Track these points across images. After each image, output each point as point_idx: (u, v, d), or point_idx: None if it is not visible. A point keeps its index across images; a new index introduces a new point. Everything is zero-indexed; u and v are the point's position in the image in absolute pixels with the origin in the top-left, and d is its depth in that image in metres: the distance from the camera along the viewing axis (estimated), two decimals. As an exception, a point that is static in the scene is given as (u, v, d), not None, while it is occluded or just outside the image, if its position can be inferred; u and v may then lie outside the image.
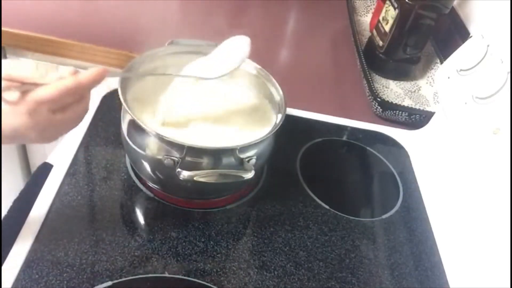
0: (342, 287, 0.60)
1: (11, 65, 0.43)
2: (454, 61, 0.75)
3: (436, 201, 0.74)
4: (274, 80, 0.66)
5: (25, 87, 0.42)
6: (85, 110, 0.47)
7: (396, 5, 0.90)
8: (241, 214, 0.66)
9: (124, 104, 0.56)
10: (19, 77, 0.42)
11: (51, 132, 0.46)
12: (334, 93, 0.94)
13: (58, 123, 0.45)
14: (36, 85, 0.43)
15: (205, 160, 0.56)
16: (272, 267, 0.60)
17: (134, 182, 0.66)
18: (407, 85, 0.97)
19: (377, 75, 0.98)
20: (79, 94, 0.45)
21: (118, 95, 0.56)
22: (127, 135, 0.60)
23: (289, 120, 0.62)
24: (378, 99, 0.86)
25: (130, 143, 0.59)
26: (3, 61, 0.43)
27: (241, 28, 1.06)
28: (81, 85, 0.44)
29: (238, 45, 0.62)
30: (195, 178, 0.54)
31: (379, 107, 0.86)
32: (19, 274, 0.52)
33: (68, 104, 0.45)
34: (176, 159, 0.55)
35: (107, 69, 0.46)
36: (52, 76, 0.43)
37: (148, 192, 0.65)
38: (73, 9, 0.94)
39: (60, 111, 0.45)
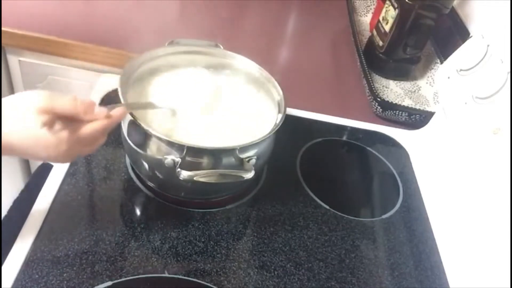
0: (342, 287, 0.60)
1: (50, 97, 0.45)
2: (454, 61, 0.75)
3: (436, 201, 0.74)
4: (274, 80, 0.66)
5: (70, 124, 0.46)
6: (104, 142, 0.52)
7: (396, 5, 0.90)
8: (241, 214, 0.66)
9: (124, 104, 0.56)
10: (61, 111, 0.45)
11: (70, 158, 0.49)
12: (334, 93, 0.94)
13: (83, 152, 0.50)
14: (81, 122, 0.47)
15: (205, 160, 0.56)
16: (272, 267, 0.60)
17: (134, 182, 0.66)
18: (407, 85, 0.97)
19: (377, 75, 0.98)
20: (106, 132, 0.51)
21: (118, 95, 0.56)
22: (127, 135, 0.60)
23: (289, 120, 0.62)
24: (378, 99, 0.86)
25: (130, 143, 0.59)
26: (39, 92, 0.45)
27: (241, 28, 1.06)
28: (112, 126, 0.50)
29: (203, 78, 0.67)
30: (195, 178, 0.54)
31: (379, 107, 0.86)
32: (19, 274, 0.52)
33: (96, 140, 0.50)
34: (176, 159, 0.55)
35: (125, 108, 0.52)
36: (91, 114, 0.47)
37: (148, 192, 0.65)
38: (73, 9, 0.94)
39: (89, 145, 0.50)
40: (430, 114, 0.84)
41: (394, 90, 0.95)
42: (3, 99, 0.45)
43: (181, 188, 0.62)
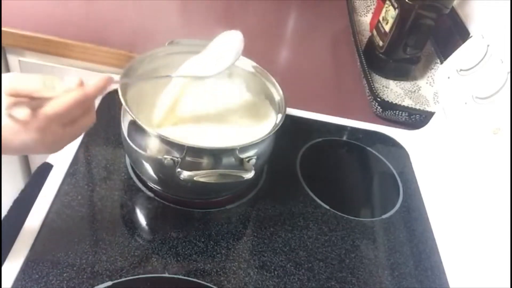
0: (342, 287, 0.60)
1: (16, 79, 0.42)
2: (454, 61, 0.75)
3: (436, 201, 0.74)
4: (274, 80, 0.66)
5: (35, 103, 0.42)
6: (92, 121, 0.47)
7: (396, 5, 0.90)
8: (241, 214, 0.66)
9: (124, 104, 0.56)
10: (27, 92, 0.41)
11: (59, 144, 0.46)
12: (334, 93, 0.94)
13: (67, 136, 0.45)
14: (45, 99, 0.42)
15: (205, 160, 0.56)
16: (272, 267, 0.60)
17: (134, 182, 0.66)
18: (407, 85, 0.97)
19: (377, 75, 0.98)
20: (87, 105, 0.46)
21: (118, 95, 0.56)
22: (127, 135, 0.60)
23: (289, 120, 0.62)
24: (378, 99, 0.86)
25: (130, 143, 0.59)
26: (7, 74, 0.42)
27: (241, 28, 1.06)
28: (88, 95, 0.44)
29: (231, 41, 0.61)
30: (195, 178, 0.54)
31: (379, 107, 0.86)
32: (19, 274, 0.52)
33: (76, 117, 0.45)
34: (176, 159, 0.55)
35: (112, 77, 0.46)
36: (59, 89, 0.43)
37: (148, 192, 0.65)
38: (73, 9, 0.94)
39: (69, 124, 0.45)
40: (430, 114, 0.84)
41: (394, 90, 0.95)
42: None
43: (181, 188, 0.62)
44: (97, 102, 0.77)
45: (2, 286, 0.51)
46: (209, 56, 0.61)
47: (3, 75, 0.42)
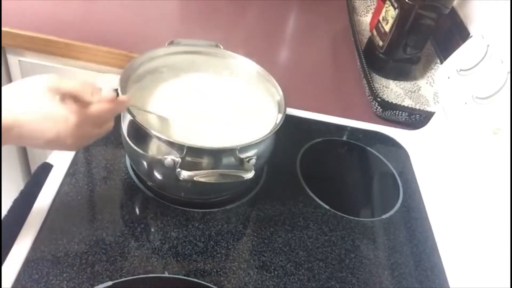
0: (342, 287, 0.60)
1: (58, 78, 0.47)
2: (454, 61, 0.75)
3: (436, 201, 0.74)
4: (274, 80, 0.66)
5: (80, 103, 0.47)
6: (111, 128, 0.53)
7: (396, 5, 0.90)
8: (241, 214, 0.66)
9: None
10: (68, 91, 0.46)
11: (81, 142, 0.50)
12: (334, 93, 0.94)
13: (92, 135, 0.51)
14: (85, 102, 0.47)
15: (205, 160, 0.56)
16: (272, 267, 0.60)
17: (134, 182, 0.66)
18: (407, 85, 0.97)
19: (377, 75, 0.98)
20: (113, 116, 0.52)
21: (118, 95, 0.56)
22: (127, 135, 0.60)
23: (289, 120, 0.62)
24: (378, 99, 0.86)
25: (130, 143, 0.59)
26: (51, 74, 0.46)
27: (241, 28, 1.06)
28: (118, 108, 0.52)
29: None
30: (195, 178, 0.54)
31: (379, 107, 0.86)
32: (19, 274, 0.52)
33: (105, 121, 0.51)
34: (176, 159, 0.55)
35: (131, 97, 0.54)
36: (98, 97, 0.48)
37: (148, 192, 0.65)
38: (73, 9, 0.94)
39: (98, 126, 0.51)
40: (430, 114, 0.84)
41: (394, 90, 0.95)
42: (10, 84, 0.46)
43: (181, 188, 0.62)
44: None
45: (2, 286, 0.51)
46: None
47: (39, 75, 0.47)
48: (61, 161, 0.66)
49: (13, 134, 0.44)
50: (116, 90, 0.53)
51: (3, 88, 0.46)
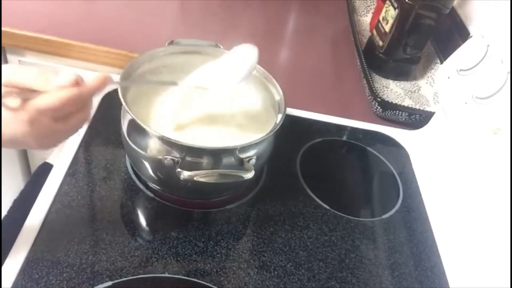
0: (342, 287, 0.60)
1: (12, 70, 0.42)
2: (454, 61, 0.75)
3: (436, 201, 0.74)
4: (274, 80, 0.66)
5: (27, 94, 0.41)
6: (86, 119, 0.47)
7: (396, 5, 0.90)
8: (241, 214, 0.66)
9: (124, 104, 0.56)
10: (20, 83, 0.41)
11: (51, 139, 0.45)
12: (334, 93, 0.94)
13: (58, 132, 0.45)
14: (38, 92, 0.42)
15: (205, 160, 0.56)
16: (272, 267, 0.60)
17: (134, 182, 0.66)
18: (407, 85, 0.97)
19: (377, 75, 0.98)
20: (81, 103, 0.45)
21: (118, 95, 0.56)
22: (127, 135, 0.60)
23: (289, 120, 0.62)
24: (378, 99, 0.86)
25: (130, 143, 0.59)
26: (5, 66, 0.42)
27: (241, 28, 1.06)
28: (83, 94, 0.44)
29: (246, 54, 0.60)
30: (195, 178, 0.54)
31: (379, 107, 0.86)
32: (19, 274, 0.52)
33: (70, 113, 0.44)
34: (176, 159, 0.55)
35: (110, 77, 0.46)
36: (53, 84, 0.42)
37: (148, 192, 0.65)
38: (73, 9, 0.94)
39: (62, 120, 0.44)
40: (430, 114, 0.84)
41: (394, 90, 0.95)
42: None
43: (181, 188, 0.62)
44: (97, 102, 0.77)
45: (2, 286, 0.51)
46: (222, 67, 0.60)
47: (2, 66, 0.42)
48: (61, 161, 0.66)
49: None
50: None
51: None
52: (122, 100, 0.56)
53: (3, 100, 0.40)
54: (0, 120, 0.41)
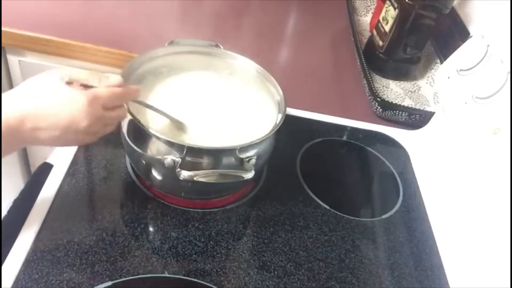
0: (342, 287, 0.60)
1: (69, 70, 0.51)
2: (454, 61, 0.75)
3: (436, 201, 0.74)
4: (274, 80, 0.66)
5: (86, 89, 0.50)
6: (124, 116, 0.55)
7: (396, 5, 0.90)
8: (241, 214, 0.66)
9: (124, 104, 0.56)
10: (80, 79, 0.50)
11: (96, 127, 0.51)
12: (334, 93, 0.94)
13: (105, 119, 0.51)
14: (91, 88, 0.50)
15: (205, 160, 0.57)
16: (272, 267, 0.60)
17: (134, 182, 0.66)
18: (407, 85, 0.97)
19: (377, 75, 0.98)
20: (123, 101, 0.54)
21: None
22: (127, 135, 0.60)
23: (289, 120, 0.62)
24: (378, 99, 0.86)
25: (130, 143, 0.59)
26: (62, 68, 0.51)
27: (241, 28, 1.06)
28: (125, 94, 0.53)
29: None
30: (195, 178, 0.54)
31: (379, 107, 0.86)
32: (19, 274, 0.52)
33: (114, 107, 0.52)
34: (176, 159, 0.55)
35: (139, 90, 0.55)
36: (105, 82, 0.51)
37: (148, 192, 0.65)
38: (73, 9, 0.94)
39: (109, 109, 0.51)
40: (430, 114, 0.84)
41: (394, 90, 0.95)
42: (23, 83, 0.49)
43: (181, 188, 0.62)
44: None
45: (2, 286, 0.51)
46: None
47: (59, 69, 0.50)
48: (61, 161, 0.66)
49: (27, 127, 0.46)
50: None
51: (17, 87, 0.48)
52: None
53: (70, 86, 0.49)
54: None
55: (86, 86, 0.50)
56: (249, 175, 0.56)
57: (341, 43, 1.08)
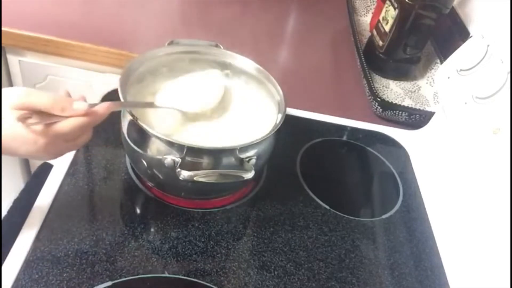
0: (342, 287, 0.60)
1: (27, 93, 0.46)
2: (454, 61, 0.75)
3: (436, 201, 0.74)
4: (274, 80, 0.66)
5: (45, 119, 0.46)
6: (89, 138, 0.52)
7: (396, 5, 0.90)
8: (241, 214, 0.66)
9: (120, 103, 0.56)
10: (37, 107, 0.45)
11: (59, 154, 0.51)
12: (334, 93, 0.94)
13: (66, 149, 0.51)
14: (55, 117, 0.46)
15: (205, 160, 0.56)
16: (272, 267, 0.60)
17: (134, 182, 0.66)
18: (407, 85, 0.97)
19: (377, 75, 0.98)
20: (87, 130, 0.51)
21: (118, 95, 0.56)
22: (127, 135, 0.60)
23: (289, 120, 0.62)
24: (378, 99, 0.86)
25: (130, 143, 0.59)
26: (13, 89, 0.46)
27: (241, 28, 1.06)
28: (91, 122, 0.49)
29: (214, 79, 0.66)
30: (195, 178, 0.54)
31: (379, 107, 0.86)
32: (19, 274, 0.52)
33: (78, 135, 0.50)
34: (176, 159, 0.55)
35: (113, 104, 0.51)
36: (69, 112, 0.47)
37: (148, 192, 0.65)
38: (73, 9, 0.94)
39: (72, 140, 0.50)
40: (430, 114, 0.84)
41: (394, 90, 0.95)
42: None
43: (181, 188, 0.62)
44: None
45: (2, 286, 0.51)
46: (194, 89, 0.65)
47: (7, 89, 0.46)
48: (61, 161, 0.66)
49: None
50: (92, 104, 0.50)
51: None
52: (122, 99, 0.56)
53: (27, 123, 0.45)
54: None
55: (44, 113, 0.46)
56: (249, 175, 0.56)
57: (341, 43, 1.08)
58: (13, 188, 1.01)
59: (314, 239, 0.64)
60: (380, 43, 0.96)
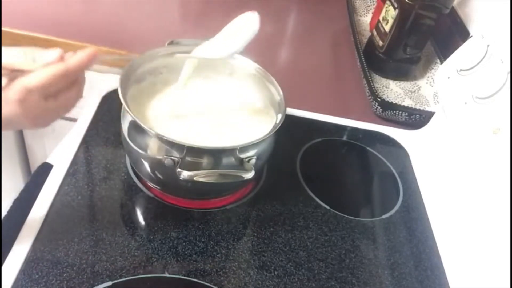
0: (342, 287, 0.60)
1: None
2: (454, 61, 0.75)
3: (436, 201, 0.74)
4: (274, 80, 0.66)
5: (16, 75, 0.41)
6: (78, 96, 0.46)
7: (396, 5, 0.90)
8: (241, 214, 0.66)
9: (124, 104, 0.56)
10: (8, 64, 0.41)
11: (44, 119, 0.44)
12: (334, 93, 0.94)
13: (50, 110, 0.44)
14: (24, 71, 0.41)
15: (205, 160, 0.56)
16: (272, 267, 0.60)
17: (134, 182, 0.66)
18: (407, 85, 0.97)
19: (377, 75, 0.98)
20: (70, 79, 0.44)
21: (118, 95, 0.56)
22: (127, 135, 0.60)
23: (289, 120, 0.62)
24: (378, 99, 0.86)
25: (130, 143, 0.59)
26: None
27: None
28: (69, 69, 0.43)
29: (246, 22, 0.62)
30: (195, 178, 0.54)
31: (379, 107, 0.86)
32: (19, 274, 0.52)
33: (60, 90, 0.44)
34: (176, 159, 0.55)
35: (98, 50, 0.45)
36: (40, 62, 0.42)
37: (148, 192, 0.65)
38: (73, 9, 0.94)
39: (52, 97, 0.43)
40: (430, 114, 0.84)
41: (394, 90, 0.95)
42: None
43: (181, 188, 0.62)
44: (97, 101, 0.77)
45: (2, 286, 0.51)
46: (222, 37, 0.61)
47: None
48: (61, 161, 0.66)
49: None
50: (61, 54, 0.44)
51: None
52: (122, 100, 0.56)
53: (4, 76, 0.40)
54: None
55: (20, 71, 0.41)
56: (249, 175, 0.56)
57: (341, 43, 1.08)
58: (13, 188, 1.01)
59: (314, 239, 0.64)
60: (380, 43, 0.96)
